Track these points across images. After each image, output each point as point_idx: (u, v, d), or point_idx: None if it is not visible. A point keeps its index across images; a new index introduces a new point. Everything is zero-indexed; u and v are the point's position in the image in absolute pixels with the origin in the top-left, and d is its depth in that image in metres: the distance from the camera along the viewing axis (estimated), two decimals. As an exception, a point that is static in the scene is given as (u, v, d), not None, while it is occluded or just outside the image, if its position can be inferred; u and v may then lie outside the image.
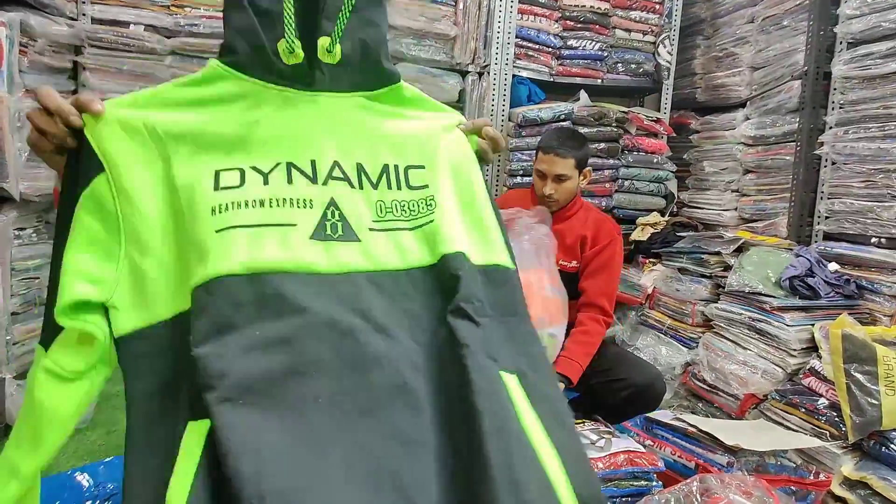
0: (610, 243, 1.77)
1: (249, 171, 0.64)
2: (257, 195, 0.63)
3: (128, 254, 0.62)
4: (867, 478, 1.37)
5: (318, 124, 0.69)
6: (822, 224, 2.03)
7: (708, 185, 2.59)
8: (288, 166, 0.66)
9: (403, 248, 0.68)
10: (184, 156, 0.64)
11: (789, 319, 1.72)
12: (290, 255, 0.62)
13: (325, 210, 0.65)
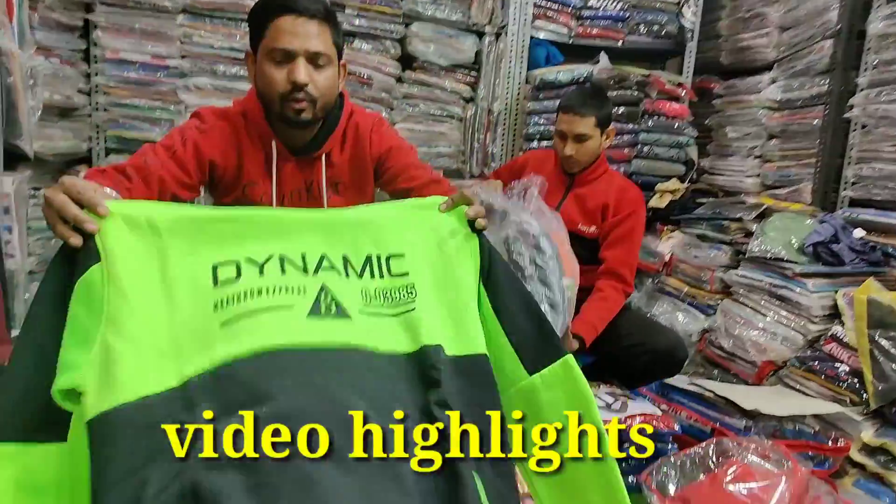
0: (633, 213, 1.73)
1: (245, 263, 0.70)
2: (255, 285, 0.69)
3: (103, 336, 0.63)
4: (888, 444, 1.36)
5: (305, 220, 0.77)
6: (849, 190, 1.96)
7: (730, 151, 2.52)
8: (280, 258, 0.72)
9: (387, 334, 0.73)
10: (181, 250, 0.70)
11: (812, 286, 1.68)
12: (288, 335, 0.67)
13: (318, 293, 0.71)
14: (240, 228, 0.73)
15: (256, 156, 1.22)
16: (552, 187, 1.79)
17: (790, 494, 1.16)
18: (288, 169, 1.25)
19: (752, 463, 1.24)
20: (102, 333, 0.63)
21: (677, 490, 1.29)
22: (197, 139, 1.17)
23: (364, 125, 1.28)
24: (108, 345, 0.62)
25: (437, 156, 2.50)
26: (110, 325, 0.63)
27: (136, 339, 0.64)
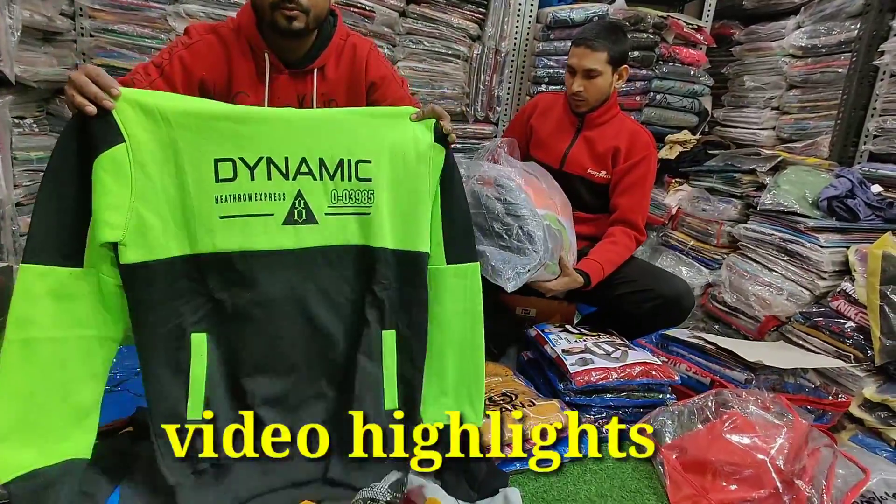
0: (645, 158, 1.65)
1: (240, 164, 0.91)
2: (247, 189, 0.92)
3: (134, 208, 0.86)
4: (889, 400, 1.34)
5: (292, 121, 0.94)
6: (869, 144, 1.88)
7: (746, 101, 2.41)
8: (268, 162, 0.92)
9: (346, 229, 0.98)
10: (187, 141, 0.88)
11: (823, 240, 1.63)
12: (268, 239, 0.94)
13: (293, 200, 0.95)
14: (236, 127, 0.90)
15: (247, 67, 1.21)
16: (561, 131, 1.71)
17: (789, 445, 1.14)
18: (280, 81, 1.24)
19: (751, 414, 1.23)
20: (134, 205, 0.85)
21: (674, 439, 1.28)
22: (183, 55, 1.17)
23: (361, 47, 1.28)
24: (140, 214, 0.86)
25: (441, 97, 2.39)
26: (138, 198, 0.86)
27: (160, 214, 0.88)
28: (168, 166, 0.88)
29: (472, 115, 2.44)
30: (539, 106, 1.77)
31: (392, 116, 1.01)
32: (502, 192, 1.41)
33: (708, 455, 1.18)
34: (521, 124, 1.81)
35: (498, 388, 1.34)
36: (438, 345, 1.06)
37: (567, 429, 1.23)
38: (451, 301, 1.04)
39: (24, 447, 0.83)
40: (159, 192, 0.88)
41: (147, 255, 0.87)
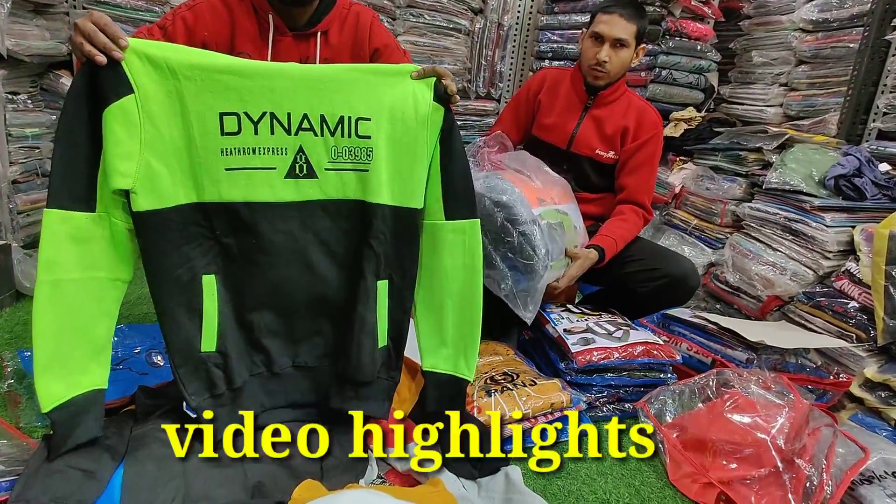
0: (653, 137, 1.63)
1: (244, 118, 0.93)
2: (251, 143, 0.94)
3: (144, 157, 0.89)
4: (891, 380, 1.34)
5: (295, 76, 0.95)
6: (878, 121, 1.85)
7: (753, 77, 2.37)
8: (271, 117, 0.94)
9: (345, 184, 1.01)
10: (193, 93, 0.90)
11: (829, 220, 1.61)
12: (271, 192, 0.98)
13: (295, 155, 0.98)
14: (240, 81, 0.92)
15: (250, 28, 1.24)
16: (568, 109, 1.67)
17: (790, 424, 1.14)
18: (283, 43, 1.26)
19: (752, 393, 1.23)
20: (143, 154, 0.88)
21: (675, 418, 1.28)
22: (186, 16, 1.20)
23: (364, 15, 1.31)
24: (149, 164, 0.89)
25: (442, 73, 2.36)
26: (148, 148, 0.88)
27: (168, 163, 0.91)
28: (175, 118, 0.90)
29: (474, 91, 2.40)
30: (547, 81, 1.71)
31: (393, 74, 1.01)
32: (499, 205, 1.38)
33: (708, 434, 1.18)
34: (526, 100, 1.75)
35: (499, 368, 1.34)
36: (438, 298, 1.09)
37: (566, 405, 1.24)
38: (450, 256, 1.06)
39: (57, 380, 0.91)
40: (167, 142, 0.90)
41: (157, 203, 0.91)
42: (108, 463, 0.94)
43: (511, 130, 1.73)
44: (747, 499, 1.06)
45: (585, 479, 1.13)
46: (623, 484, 1.13)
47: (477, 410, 1.18)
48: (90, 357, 0.94)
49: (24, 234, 1.92)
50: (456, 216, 1.05)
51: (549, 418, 1.23)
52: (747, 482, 1.10)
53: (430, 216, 1.05)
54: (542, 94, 1.70)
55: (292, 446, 1.01)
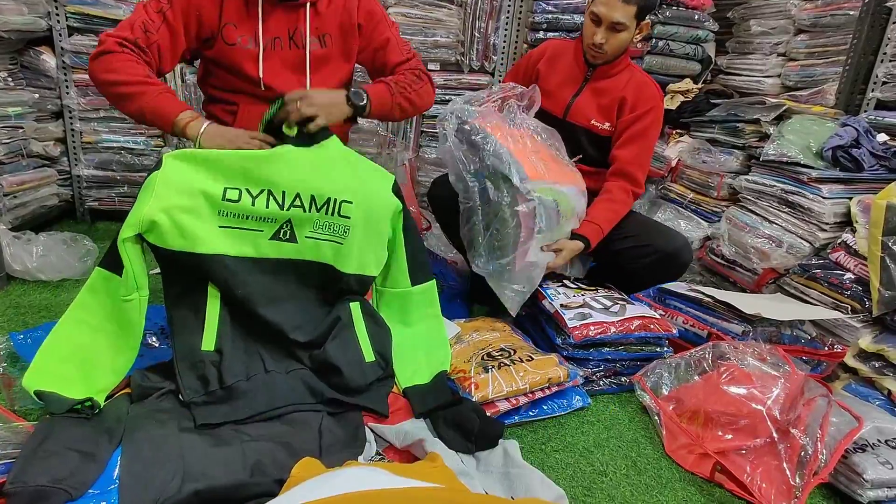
0: (651, 110, 1.59)
1: (244, 192, 1.13)
2: (247, 211, 1.13)
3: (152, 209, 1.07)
4: (885, 350, 1.35)
5: (291, 171, 1.15)
6: (878, 91, 1.83)
7: (751, 48, 2.33)
8: (268, 194, 1.14)
9: (320, 251, 1.21)
10: (206, 174, 1.11)
11: (826, 191, 1.60)
12: (256, 249, 1.17)
13: (281, 224, 1.17)
14: (248, 165, 1.12)
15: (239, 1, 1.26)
16: (568, 80, 1.63)
17: (785, 395, 1.15)
18: (272, 15, 1.27)
19: (748, 365, 1.23)
20: (153, 206, 1.07)
21: (671, 390, 1.29)
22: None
23: None
24: (153, 219, 1.07)
25: (434, 45, 2.30)
26: (157, 200, 1.07)
27: (171, 219, 1.08)
28: (187, 188, 1.09)
29: (468, 64, 2.35)
30: (549, 51, 1.68)
31: (377, 171, 1.27)
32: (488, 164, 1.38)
33: (704, 405, 1.19)
34: (525, 69, 1.71)
35: (496, 344, 1.34)
36: (411, 344, 1.29)
37: (563, 380, 1.24)
38: (418, 309, 1.33)
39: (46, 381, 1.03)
40: (175, 202, 1.08)
41: (161, 243, 1.09)
42: (106, 444, 0.94)
43: (530, 105, 1.69)
44: (742, 469, 1.07)
45: (583, 452, 1.14)
46: (620, 456, 1.14)
47: (474, 386, 1.18)
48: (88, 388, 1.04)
49: (12, 217, 1.89)
50: (419, 281, 1.32)
51: (547, 393, 1.23)
52: (742, 452, 1.12)
53: (399, 286, 1.31)
54: (541, 64, 1.67)
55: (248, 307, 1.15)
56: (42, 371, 1.02)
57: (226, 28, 1.26)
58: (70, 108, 2.12)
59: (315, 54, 1.32)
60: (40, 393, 0.99)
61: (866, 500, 1.02)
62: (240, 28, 1.26)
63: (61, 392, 1.00)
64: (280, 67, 1.30)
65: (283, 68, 1.30)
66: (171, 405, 1.05)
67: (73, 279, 1.71)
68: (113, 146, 2.19)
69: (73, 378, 1.03)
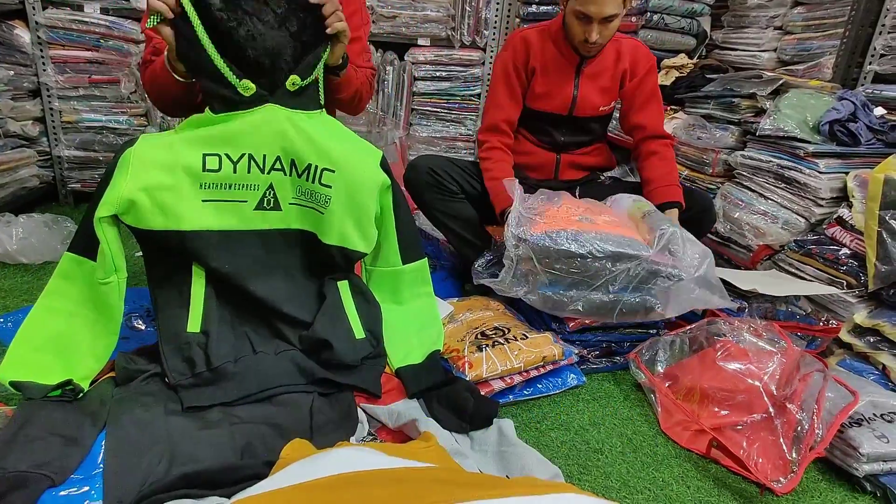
0: (650, 69, 1.62)
1: (224, 158, 1.07)
2: (228, 179, 1.08)
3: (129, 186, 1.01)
4: (880, 325, 1.34)
5: (271, 130, 1.09)
6: (875, 64, 1.80)
7: (747, 21, 2.29)
8: (249, 157, 1.09)
9: (305, 218, 1.16)
10: (184, 143, 1.05)
11: (823, 166, 1.58)
12: (241, 221, 1.12)
13: (265, 191, 1.12)
14: (225, 132, 1.06)
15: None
16: (561, 72, 1.58)
17: (781, 371, 1.14)
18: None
19: (744, 341, 1.22)
20: (129, 185, 1.01)
21: (666, 368, 1.28)
22: None
23: None
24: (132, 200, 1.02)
25: (425, 20, 2.24)
26: (133, 179, 1.01)
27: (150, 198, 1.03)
28: (163, 161, 1.04)
29: (459, 39, 2.29)
30: (532, 46, 1.59)
31: (363, 144, 1.20)
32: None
33: (700, 382, 1.18)
34: (517, 72, 1.61)
35: (490, 322, 1.32)
36: (403, 323, 1.25)
37: (558, 358, 1.23)
38: (410, 287, 1.29)
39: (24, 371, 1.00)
40: (153, 180, 1.02)
41: (140, 225, 1.03)
42: (90, 428, 0.92)
43: (512, 111, 1.62)
44: (739, 444, 1.07)
45: (578, 430, 1.13)
46: (615, 434, 1.13)
47: (468, 365, 1.16)
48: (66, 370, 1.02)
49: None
50: (411, 260, 1.27)
51: (542, 371, 1.22)
52: (739, 428, 1.11)
53: (391, 265, 1.26)
54: (533, 61, 1.58)
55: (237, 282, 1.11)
56: (17, 362, 0.99)
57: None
58: (48, 85, 2.05)
59: None
60: (16, 383, 0.96)
61: (862, 474, 1.01)
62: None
63: (39, 381, 0.97)
64: None
65: None
66: (157, 388, 1.02)
67: (55, 262, 1.66)
68: (94, 125, 2.13)
69: (51, 367, 1.00)
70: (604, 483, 0.99)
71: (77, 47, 2.02)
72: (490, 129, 1.62)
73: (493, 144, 1.61)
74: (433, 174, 1.55)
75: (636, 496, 0.97)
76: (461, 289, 1.71)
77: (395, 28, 2.25)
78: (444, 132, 2.40)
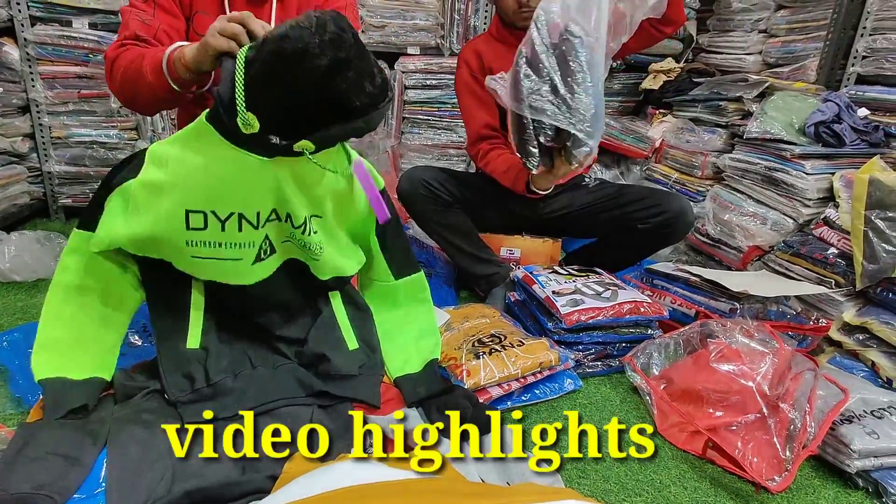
0: None
1: (210, 216, 0.96)
2: (217, 238, 0.99)
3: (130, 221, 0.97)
4: (868, 323, 1.37)
5: (265, 185, 0.97)
6: (858, 65, 1.84)
7: (732, 25, 2.32)
8: (239, 217, 0.98)
9: (298, 252, 1.12)
10: (171, 199, 0.95)
11: (809, 167, 1.61)
12: (238, 276, 1.06)
13: (261, 243, 1.04)
14: (212, 185, 0.94)
15: None
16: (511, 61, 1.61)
17: (773, 371, 1.16)
18: (237, 6, 1.19)
19: (737, 342, 1.24)
20: (120, 230, 0.97)
21: (661, 370, 1.30)
22: None
23: None
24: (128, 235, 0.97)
25: (414, 29, 2.26)
26: (125, 226, 0.96)
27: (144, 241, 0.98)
28: (150, 211, 0.96)
29: (448, 48, 2.31)
30: (483, 52, 1.65)
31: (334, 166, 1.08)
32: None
33: (695, 384, 1.19)
34: (476, 79, 1.65)
35: (486, 330, 1.33)
36: (400, 333, 1.24)
37: (554, 364, 1.24)
38: (406, 299, 1.26)
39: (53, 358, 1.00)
40: (144, 227, 0.97)
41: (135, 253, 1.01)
42: (91, 448, 0.91)
43: (489, 116, 1.64)
44: (734, 444, 1.08)
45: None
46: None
47: (466, 373, 1.17)
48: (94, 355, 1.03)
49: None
50: (403, 275, 1.24)
51: (539, 377, 1.23)
52: (733, 428, 1.13)
53: (383, 280, 1.24)
54: (487, 64, 1.63)
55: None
56: (41, 360, 0.98)
57: (196, 16, 1.19)
58: (37, 101, 2.05)
59: None
60: (44, 381, 0.97)
61: (854, 470, 1.03)
62: (212, 16, 1.17)
63: (67, 375, 0.98)
64: None
65: None
66: (157, 405, 1.02)
67: (48, 279, 1.65)
68: (84, 140, 2.13)
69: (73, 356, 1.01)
70: (603, 486, 1.01)
71: (66, 63, 2.02)
72: (476, 140, 1.65)
73: (486, 149, 1.63)
74: (427, 185, 1.56)
75: (635, 499, 0.99)
76: (457, 296, 1.73)
77: (385, 38, 2.26)
78: (436, 140, 2.41)
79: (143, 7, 1.13)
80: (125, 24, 1.12)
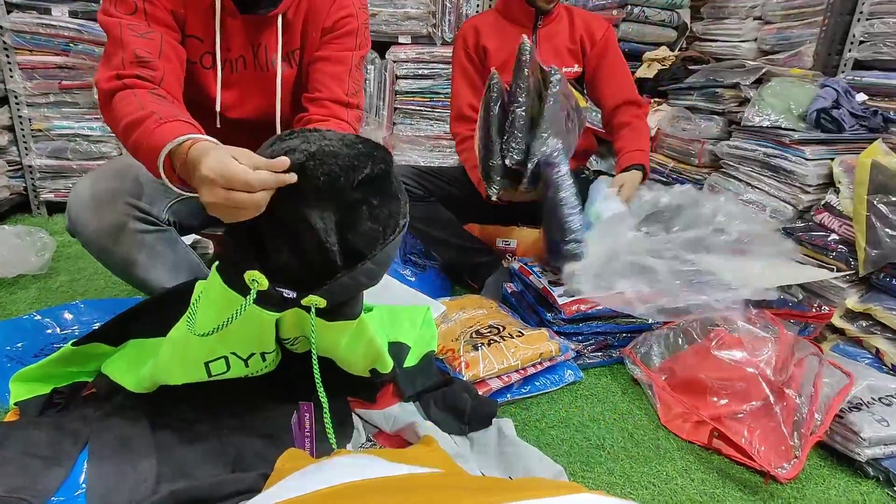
0: (606, 32, 1.64)
1: (232, 357, 0.91)
2: (241, 373, 0.95)
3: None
4: (872, 309, 1.34)
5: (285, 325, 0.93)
6: (855, 51, 1.81)
7: (727, 12, 2.30)
8: (262, 353, 0.94)
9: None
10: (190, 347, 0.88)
11: (809, 153, 1.59)
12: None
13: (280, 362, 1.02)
14: (226, 334, 0.85)
15: (200, 6, 1.02)
16: (515, 39, 1.55)
17: (776, 356, 1.14)
18: (233, 28, 1.04)
19: (738, 330, 1.21)
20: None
21: (662, 361, 1.27)
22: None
23: None
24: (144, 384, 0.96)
25: (405, 17, 2.21)
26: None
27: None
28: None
29: (440, 37, 2.27)
30: (480, 28, 1.64)
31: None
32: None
33: (697, 373, 1.17)
34: (470, 59, 1.64)
35: (484, 321, 1.29)
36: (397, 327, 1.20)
37: (555, 354, 1.21)
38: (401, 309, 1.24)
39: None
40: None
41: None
42: (70, 448, 0.87)
43: (472, 96, 1.62)
44: (740, 433, 1.05)
45: (578, 427, 1.11)
46: (616, 429, 1.11)
47: (465, 365, 1.13)
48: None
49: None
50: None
51: (539, 368, 1.20)
52: (739, 416, 1.10)
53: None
54: (484, 41, 1.61)
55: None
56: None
57: (189, 41, 1.03)
58: (16, 93, 1.98)
59: (285, 75, 1.10)
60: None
61: (864, 459, 1.01)
62: (205, 42, 1.04)
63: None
64: (243, 95, 1.09)
65: (247, 96, 1.10)
66: (141, 402, 0.98)
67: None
68: (66, 133, 2.06)
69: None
70: (607, 479, 0.98)
71: (46, 52, 1.95)
72: (456, 119, 1.65)
73: (463, 135, 1.62)
74: None
75: (641, 491, 0.95)
76: (452, 287, 1.69)
77: (376, 26, 2.21)
78: (429, 131, 2.37)
79: (133, 20, 0.95)
80: (117, 40, 0.93)
